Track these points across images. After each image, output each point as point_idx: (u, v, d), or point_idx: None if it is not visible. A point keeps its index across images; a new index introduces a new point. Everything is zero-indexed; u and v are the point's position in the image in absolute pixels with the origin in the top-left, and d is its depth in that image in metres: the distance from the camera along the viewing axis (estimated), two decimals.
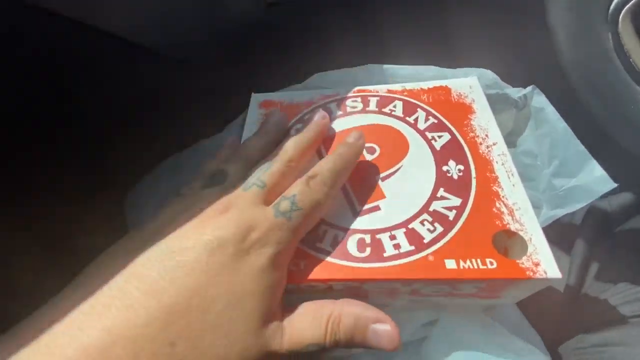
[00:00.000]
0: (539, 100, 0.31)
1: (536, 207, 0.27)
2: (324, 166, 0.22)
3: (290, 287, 0.21)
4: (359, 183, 0.24)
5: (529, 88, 0.31)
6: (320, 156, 0.26)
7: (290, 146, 0.23)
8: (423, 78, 0.31)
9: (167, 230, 0.19)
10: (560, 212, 0.29)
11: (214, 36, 0.38)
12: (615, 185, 0.26)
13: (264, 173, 0.21)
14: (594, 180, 0.28)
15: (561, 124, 0.29)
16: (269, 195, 0.21)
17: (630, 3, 0.21)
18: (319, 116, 0.26)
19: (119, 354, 0.15)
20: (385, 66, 0.32)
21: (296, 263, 0.21)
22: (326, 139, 0.27)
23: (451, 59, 0.32)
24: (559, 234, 0.20)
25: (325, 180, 0.22)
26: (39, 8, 0.25)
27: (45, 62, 0.32)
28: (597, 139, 0.28)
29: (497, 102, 0.32)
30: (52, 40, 0.30)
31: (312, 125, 0.26)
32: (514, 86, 0.32)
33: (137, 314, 0.16)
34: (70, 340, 0.15)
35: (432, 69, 0.32)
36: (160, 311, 0.16)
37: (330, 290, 0.22)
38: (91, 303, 0.16)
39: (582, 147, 0.28)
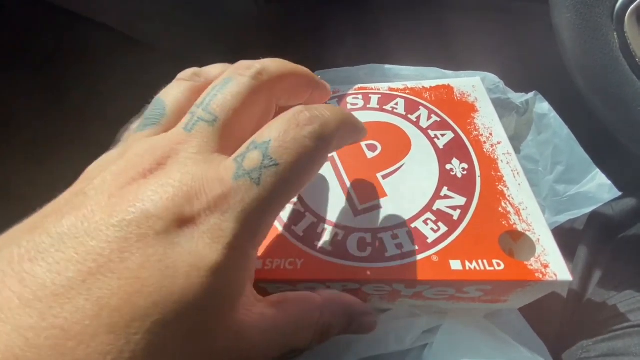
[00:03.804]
0: (542, 106, 0.31)
1: None
2: (324, 107, 0.15)
3: (286, 288, 0.20)
4: (360, 180, 0.23)
5: (532, 93, 0.31)
6: None
7: (266, 60, 0.16)
8: (425, 79, 0.30)
9: (77, 201, 0.12)
10: (562, 219, 0.28)
11: (213, 34, 0.37)
12: (620, 193, 0.26)
13: (215, 97, 0.14)
14: (597, 187, 0.28)
15: (564, 130, 0.29)
16: (227, 136, 0.14)
17: (637, 2, 0.21)
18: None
19: None
20: (387, 66, 0.32)
21: (293, 262, 0.20)
22: None
23: (454, 63, 0.32)
24: (561, 239, 0.19)
25: (328, 120, 0.14)
26: (43, 2, 0.25)
27: (44, 59, 0.31)
28: (600, 144, 0.28)
29: (499, 107, 0.32)
30: (53, 36, 0.30)
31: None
32: (516, 90, 0.31)
33: (9, 337, 0.10)
34: None
35: (435, 71, 0.31)
36: (47, 335, 0.10)
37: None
38: None
39: (585, 155, 0.28)
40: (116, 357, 0.10)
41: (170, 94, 0.15)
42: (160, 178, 0.12)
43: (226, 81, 0.14)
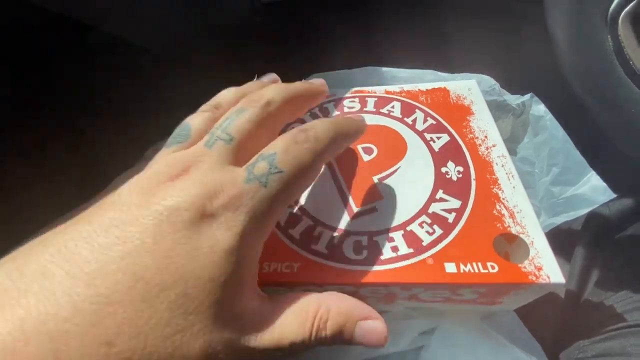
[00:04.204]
0: (538, 108, 0.31)
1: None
2: (319, 123, 0.18)
3: (283, 291, 0.20)
4: (356, 183, 0.23)
5: (528, 95, 0.32)
6: None
7: (270, 88, 0.19)
8: (422, 81, 0.30)
9: (108, 200, 0.15)
10: (558, 220, 0.28)
11: (210, 37, 0.38)
12: (615, 195, 0.26)
13: (232, 123, 0.17)
14: (592, 189, 0.28)
15: (560, 133, 0.29)
16: (240, 152, 0.17)
17: (630, 5, 0.21)
18: (318, 81, 0.22)
19: (32, 354, 0.11)
20: (384, 69, 0.32)
21: (290, 265, 0.20)
22: None
23: (450, 65, 0.32)
24: (558, 240, 0.19)
25: (320, 136, 0.17)
26: (39, 7, 0.25)
27: (44, 61, 0.32)
28: (596, 146, 0.28)
29: (495, 109, 0.32)
30: (52, 39, 0.30)
31: (306, 82, 0.21)
32: (512, 92, 0.32)
33: (59, 303, 0.12)
34: None
35: (431, 73, 0.32)
36: (91, 300, 0.12)
37: None
38: (5, 287, 0.12)
39: (580, 157, 0.28)
40: (146, 321, 0.13)
41: (195, 120, 0.19)
42: (185, 181, 0.15)
43: (240, 110, 0.18)
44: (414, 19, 0.41)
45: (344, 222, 0.22)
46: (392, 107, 0.28)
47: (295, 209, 0.22)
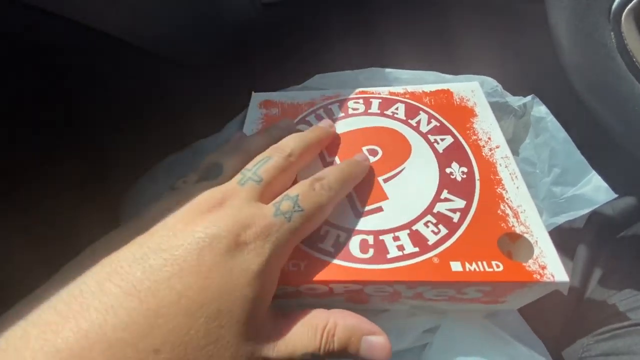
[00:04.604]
0: (539, 109, 0.31)
1: None
2: (331, 172, 0.22)
3: (290, 289, 0.20)
4: (361, 184, 0.24)
5: (529, 97, 0.32)
6: (324, 161, 0.25)
7: (291, 141, 0.22)
8: (424, 83, 0.31)
9: (155, 226, 0.17)
10: (560, 220, 0.28)
11: (212, 36, 0.38)
12: (616, 195, 0.26)
13: (261, 167, 0.20)
14: (593, 189, 0.28)
15: (561, 134, 0.30)
16: (266, 191, 0.20)
17: (634, 1, 0.21)
18: (326, 122, 0.26)
19: (95, 359, 0.13)
20: (387, 70, 0.32)
21: (296, 264, 0.20)
22: None
23: (452, 66, 0.33)
24: (562, 238, 0.19)
25: (332, 185, 0.21)
26: (37, 8, 0.25)
27: (46, 61, 0.32)
28: (597, 147, 0.29)
29: (497, 110, 0.32)
30: (53, 39, 0.30)
31: (316, 128, 0.25)
32: (514, 94, 0.32)
33: (117, 315, 0.14)
34: (44, 344, 0.13)
35: (434, 75, 0.32)
36: (144, 314, 0.14)
37: (330, 294, 0.21)
38: (68, 302, 0.14)
39: (581, 157, 0.29)
40: (187, 332, 0.15)
41: (229, 161, 0.22)
42: (222, 212, 0.18)
43: (268, 158, 0.21)
44: (415, 19, 0.41)
45: (350, 221, 0.22)
46: (397, 109, 0.28)
47: None
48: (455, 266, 0.19)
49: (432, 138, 0.26)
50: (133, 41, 0.32)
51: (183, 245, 0.16)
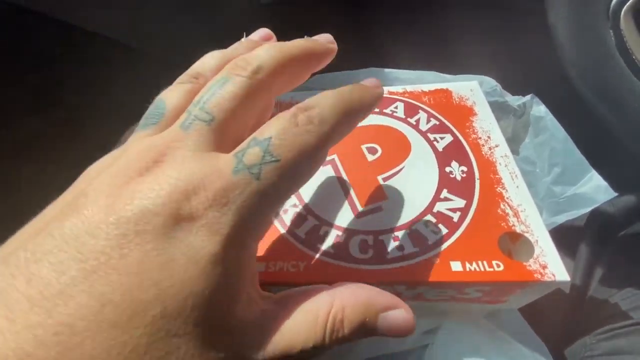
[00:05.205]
0: (539, 108, 0.31)
1: None
2: (325, 97, 0.15)
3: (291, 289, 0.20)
4: (361, 183, 0.23)
5: (528, 96, 0.32)
6: None
7: (261, 50, 0.15)
8: (424, 82, 0.31)
9: (75, 204, 0.12)
10: (560, 219, 0.28)
11: (208, 37, 0.38)
12: (616, 194, 0.26)
13: (212, 98, 0.14)
14: (593, 188, 0.28)
15: (561, 133, 0.30)
16: (224, 135, 0.14)
17: (632, 0, 0.21)
18: (322, 37, 0.18)
19: None
20: (386, 70, 0.32)
21: (295, 265, 0.20)
22: None
23: (451, 66, 0.32)
24: (563, 237, 0.19)
25: (325, 116, 0.14)
26: (36, 12, 0.25)
27: (46, 64, 0.32)
28: (596, 146, 0.29)
29: (496, 110, 0.32)
30: (52, 43, 0.30)
31: (307, 40, 0.17)
32: (513, 93, 0.32)
33: (20, 335, 0.10)
34: None
35: (433, 75, 0.32)
36: (54, 331, 0.10)
37: None
38: None
39: (581, 156, 0.29)
40: (121, 351, 0.11)
41: (170, 95, 0.16)
42: (157, 175, 0.12)
43: (223, 81, 0.15)
44: (415, 18, 0.41)
45: (349, 221, 0.22)
46: (396, 107, 0.28)
47: (301, 209, 0.23)
48: (456, 266, 0.19)
49: (431, 136, 0.26)
50: (132, 43, 0.32)
51: (101, 230, 0.11)
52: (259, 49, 0.16)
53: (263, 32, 0.19)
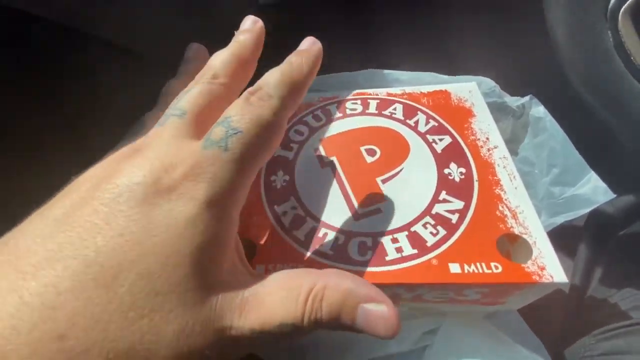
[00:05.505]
0: (537, 109, 0.31)
1: None
2: (269, 77, 0.17)
3: None
4: (360, 185, 0.24)
5: (527, 97, 0.32)
6: (321, 162, 0.25)
7: (214, 60, 0.18)
8: (422, 84, 0.31)
9: (65, 190, 0.14)
10: (558, 220, 0.28)
11: (211, 38, 0.38)
12: (614, 195, 0.26)
13: (182, 98, 0.16)
14: (592, 189, 0.28)
15: (560, 134, 0.30)
16: (197, 126, 0.16)
17: (630, 0, 0.21)
18: (250, 21, 0.20)
19: None
20: (385, 71, 0.32)
21: (294, 266, 0.20)
22: (324, 142, 0.26)
23: (450, 67, 0.33)
24: (562, 238, 0.19)
25: (272, 91, 0.16)
26: (36, 15, 0.25)
27: (43, 68, 0.32)
28: (595, 147, 0.29)
29: (495, 111, 0.32)
30: (51, 46, 0.30)
31: (241, 32, 0.19)
32: (512, 94, 0.32)
33: (5, 300, 0.11)
34: None
35: (432, 76, 0.32)
36: (38, 292, 0.11)
37: None
38: None
39: (580, 157, 0.29)
40: (104, 308, 0.11)
41: (149, 116, 0.19)
42: (137, 158, 0.14)
43: (191, 87, 0.17)
44: (414, 20, 0.41)
45: (348, 223, 0.22)
46: (395, 109, 0.28)
47: (300, 211, 0.23)
48: (454, 268, 0.19)
49: (430, 138, 0.26)
50: (131, 44, 0.32)
51: (88, 203, 0.13)
52: (215, 57, 0.18)
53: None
